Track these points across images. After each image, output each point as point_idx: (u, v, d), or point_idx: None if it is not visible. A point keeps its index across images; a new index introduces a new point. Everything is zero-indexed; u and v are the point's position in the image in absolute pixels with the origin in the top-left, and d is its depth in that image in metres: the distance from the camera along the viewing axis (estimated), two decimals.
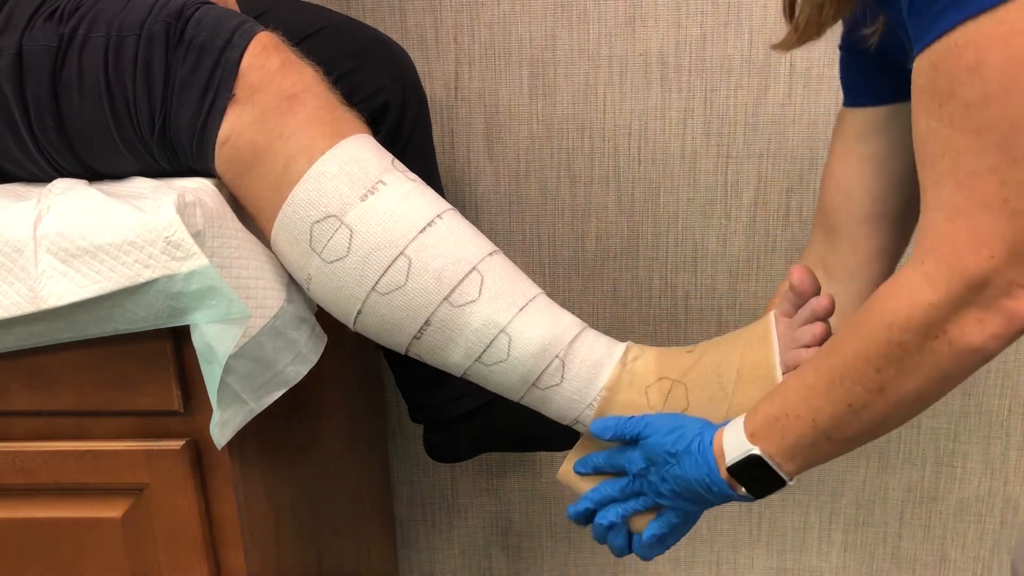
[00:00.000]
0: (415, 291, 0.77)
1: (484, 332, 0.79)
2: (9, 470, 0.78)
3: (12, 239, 0.70)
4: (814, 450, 0.73)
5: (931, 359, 0.64)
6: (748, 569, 1.51)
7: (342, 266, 0.76)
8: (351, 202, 0.75)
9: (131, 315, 0.72)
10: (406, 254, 0.76)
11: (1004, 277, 0.60)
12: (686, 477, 0.77)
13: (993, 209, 0.59)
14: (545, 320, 0.82)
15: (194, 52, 0.75)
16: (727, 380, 0.82)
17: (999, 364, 1.37)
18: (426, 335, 0.79)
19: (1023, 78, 0.57)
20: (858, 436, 0.71)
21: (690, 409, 0.82)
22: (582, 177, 1.30)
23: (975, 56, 0.58)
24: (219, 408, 0.74)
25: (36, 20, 0.76)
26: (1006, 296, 0.60)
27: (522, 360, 0.81)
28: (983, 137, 0.58)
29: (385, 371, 1.34)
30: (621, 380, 0.83)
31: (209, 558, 0.81)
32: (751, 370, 0.81)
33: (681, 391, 0.82)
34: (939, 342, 0.63)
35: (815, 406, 0.70)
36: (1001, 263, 0.60)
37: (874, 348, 0.66)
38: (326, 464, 1.07)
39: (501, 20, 1.24)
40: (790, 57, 1.23)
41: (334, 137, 0.77)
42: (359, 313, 0.79)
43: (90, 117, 0.76)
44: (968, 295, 0.61)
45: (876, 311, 0.66)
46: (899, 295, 0.64)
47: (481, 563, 1.52)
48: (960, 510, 1.46)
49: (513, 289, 0.81)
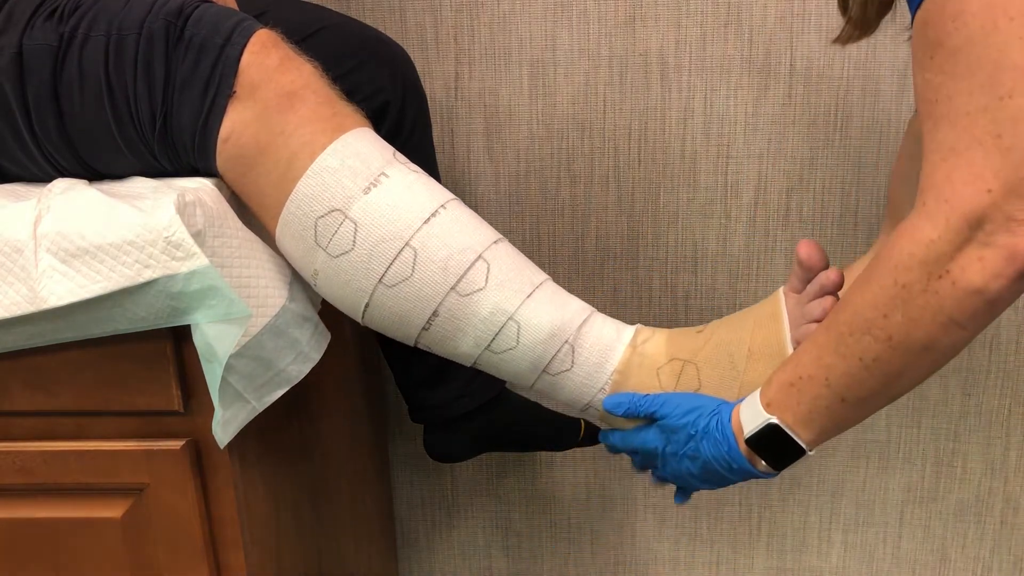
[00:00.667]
0: (422, 282, 0.77)
1: (492, 320, 0.79)
2: (9, 470, 0.78)
3: (12, 239, 0.70)
4: (829, 413, 0.72)
5: (936, 300, 0.64)
6: (748, 569, 1.51)
7: (348, 260, 0.76)
8: (355, 195, 0.76)
9: (131, 315, 0.72)
10: (411, 245, 0.76)
11: (1001, 212, 0.61)
12: (706, 458, 0.78)
13: (987, 145, 0.61)
14: (553, 306, 0.82)
15: (194, 50, 0.75)
16: (738, 359, 0.82)
17: (999, 364, 1.37)
18: (435, 325, 0.79)
19: (1001, 21, 0.60)
20: (871, 395, 0.71)
21: (702, 389, 0.82)
22: (582, 177, 1.30)
23: (957, 6, 0.61)
24: (221, 407, 0.74)
25: (36, 19, 0.76)
26: (1005, 232, 0.61)
27: (532, 347, 0.81)
28: (971, 79, 0.61)
29: (385, 371, 1.34)
30: (632, 363, 0.83)
31: (209, 558, 0.81)
32: (762, 348, 0.81)
33: (692, 371, 0.82)
34: (942, 282, 0.63)
35: (826, 364, 0.71)
36: (998, 197, 0.61)
37: (881, 293, 0.66)
38: (326, 464, 1.07)
39: (501, 20, 1.24)
40: (790, 57, 1.23)
41: (335, 132, 0.77)
42: (367, 306, 0.79)
43: (91, 116, 0.76)
44: (967, 231, 0.62)
45: (882, 257, 0.67)
46: (902, 237, 0.65)
47: (481, 563, 1.52)
48: (960, 510, 1.45)
49: (520, 276, 0.81)
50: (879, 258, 0.68)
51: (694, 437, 0.78)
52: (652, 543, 1.49)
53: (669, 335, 0.85)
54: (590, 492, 1.47)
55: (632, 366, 0.83)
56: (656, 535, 1.49)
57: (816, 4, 1.20)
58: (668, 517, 1.48)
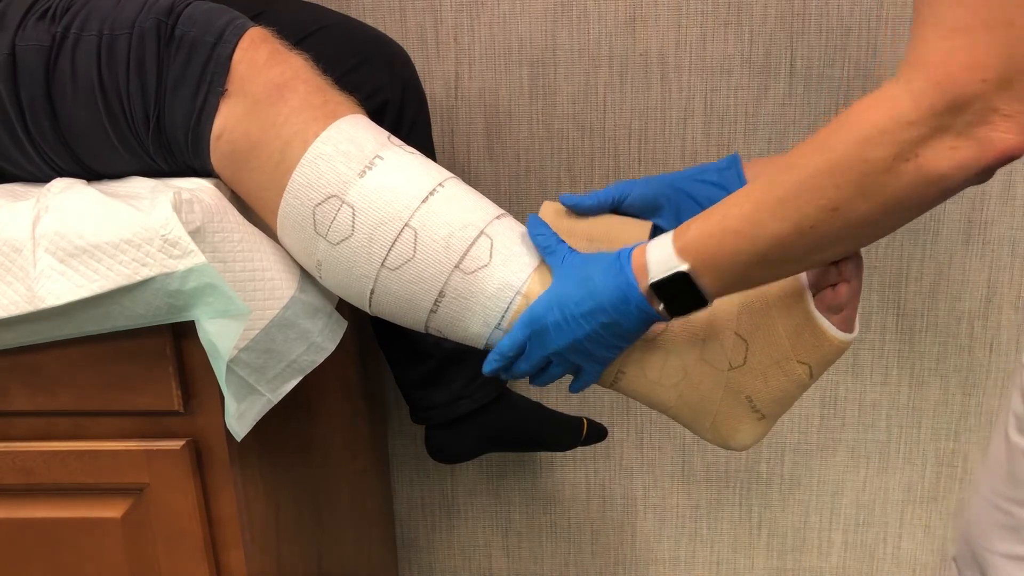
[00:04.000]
0: (425, 262, 0.76)
1: (500, 296, 0.77)
2: (9, 470, 0.78)
3: (11, 239, 0.71)
4: (745, 271, 0.70)
5: (895, 182, 0.62)
6: (748, 569, 1.51)
7: (349, 246, 0.76)
8: (350, 180, 0.75)
9: (130, 312, 0.72)
10: (411, 225, 0.75)
11: (989, 103, 0.59)
12: (600, 301, 0.73)
13: (995, 30, 0.57)
14: None
15: (185, 48, 0.75)
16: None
17: (999, 364, 1.37)
18: (442, 307, 0.78)
19: None
20: (794, 260, 0.69)
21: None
22: (582, 177, 1.30)
23: None
24: (234, 400, 0.74)
25: (28, 20, 0.76)
26: (984, 124, 0.59)
27: None
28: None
29: (386, 371, 1.34)
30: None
31: (209, 558, 0.81)
32: (779, 298, 0.78)
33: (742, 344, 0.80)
34: (908, 165, 0.61)
35: (759, 222, 0.67)
36: (991, 87, 0.58)
37: (841, 162, 0.63)
38: (326, 464, 1.07)
39: (501, 20, 1.24)
40: (790, 57, 1.23)
41: (327, 119, 0.76)
42: (372, 292, 0.78)
43: (85, 116, 0.76)
44: (949, 118, 0.59)
45: (850, 124, 0.63)
46: (879, 109, 0.62)
47: (481, 563, 1.52)
48: (960, 510, 1.45)
49: (525, 250, 0.79)
50: (842, 124, 0.64)
51: (588, 281, 0.74)
52: (652, 543, 1.49)
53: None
54: (590, 492, 1.47)
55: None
56: (656, 535, 1.49)
57: (816, 4, 1.20)
58: (668, 517, 1.48)
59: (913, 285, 1.34)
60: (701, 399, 0.81)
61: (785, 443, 1.43)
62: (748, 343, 0.79)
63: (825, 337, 0.77)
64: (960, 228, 1.31)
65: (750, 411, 0.81)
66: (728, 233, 0.69)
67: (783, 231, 0.66)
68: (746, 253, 0.68)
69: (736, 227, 0.68)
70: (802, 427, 1.42)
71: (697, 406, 0.81)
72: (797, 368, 0.79)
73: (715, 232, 0.70)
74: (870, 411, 1.41)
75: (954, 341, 1.37)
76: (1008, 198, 1.29)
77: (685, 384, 0.81)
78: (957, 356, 1.38)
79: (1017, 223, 1.30)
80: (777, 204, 0.66)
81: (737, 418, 0.82)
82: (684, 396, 0.81)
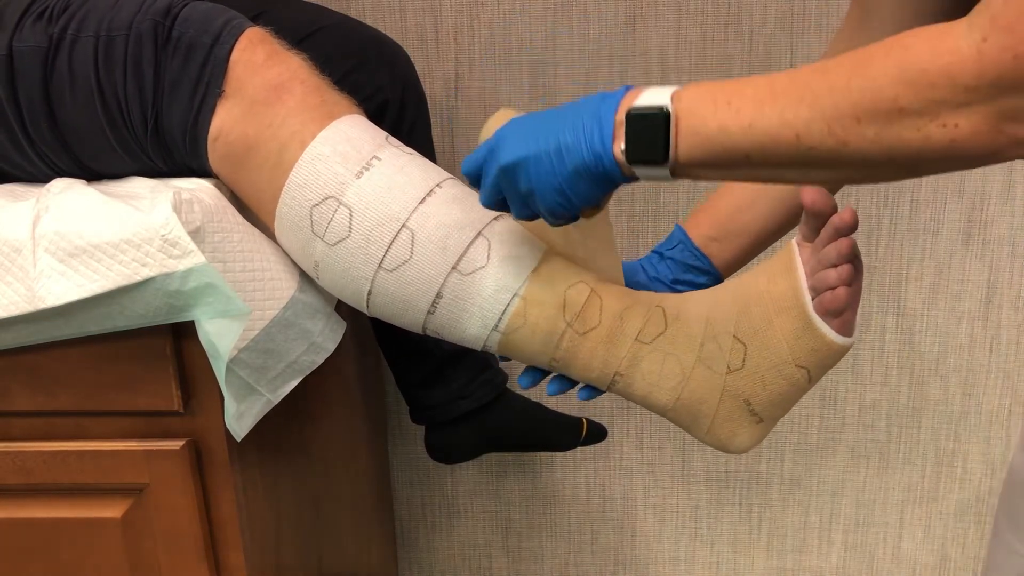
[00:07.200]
0: (422, 263, 0.76)
1: (497, 298, 0.77)
2: (9, 470, 0.78)
3: (11, 239, 0.71)
4: (722, 156, 0.62)
5: (916, 139, 0.55)
6: (748, 569, 1.51)
7: (346, 247, 0.75)
8: (347, 180, 0.75)
9: (130, 312, 0.72)
10: (408, 226, 0.75)
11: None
12: (569, 106, 0.67)
13: None
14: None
15: (182, 49, 0.75)
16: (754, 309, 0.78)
17: (999, 364, 1.37)
18: (440, 308, 0.77)
19: None
20: (773, 168, 0.62)
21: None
22: None
23: None
24: (234, 400, 0.74)
25: (25, 21, 0.76)
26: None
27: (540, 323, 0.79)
28: None
29: (385, 371, 1.34)
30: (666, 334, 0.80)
31: (209, 558, 0.81)
32: (777, 302, 0.78)
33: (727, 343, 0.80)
34: (942, 132, 0.54)
35: (762, 111, 0.60)
36: None
37: (871, 98, 0.55)
38: (326, 464, 1.07)
39: (501, 20, 1.24)
40: (790, 57, 1.23)
41: (325, 120, 0.76)
42: (370, 294, 0.77)
43: (83, 117, 0.76)
44: (1013, 98, 0.51)
45: (899, 58, 0.55)
46: (938, 57, 0.53)
47: (481, 563, 1.52)
48: (960, 510, 1.45)
49: (523, 252, 0.79)
50: (891, 53, 0.55)
51: (571, 104, 0.68)
52: (652, 543, 1.49)
53: (693, 299, 0.82)
54: (590, 492, 1.47)
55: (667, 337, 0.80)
56: (656, 535, 1.49)
57: (816, 4, 1.20)
58: (668, 517, 1.48)
59: (913, 285, 1.34)
60: (699, 402, 0.81)
61: (785, 443, 1.43)
62: (746, 346, 0.79)
63: (824, 341, 0.77)
64: (960, 228, 1.31)
65: (748, 414, 0.81)
66: (731, 107, 0.62)
67: (780, 134, 0.59)
68: (733, 136, 0.61)
69: (739, 104, 0.61)
70: (802, 427, 1.42)
71: (695, 409, 0.81)
72: (796, 372, 0.79)
73: (718, 97, 0.63)
74: (870, 411, 1.41)
75: (954, 341, 1.37)
76: (1008, 198, 1.29)
77: (683, 387, 0.81)
78: (957, 356, 1.38)
79: (1017, 223, 1.30)
80: (794, 105, 0.59)
81: (735, 421, 0.82)
82: (682, 399, 0.81)
